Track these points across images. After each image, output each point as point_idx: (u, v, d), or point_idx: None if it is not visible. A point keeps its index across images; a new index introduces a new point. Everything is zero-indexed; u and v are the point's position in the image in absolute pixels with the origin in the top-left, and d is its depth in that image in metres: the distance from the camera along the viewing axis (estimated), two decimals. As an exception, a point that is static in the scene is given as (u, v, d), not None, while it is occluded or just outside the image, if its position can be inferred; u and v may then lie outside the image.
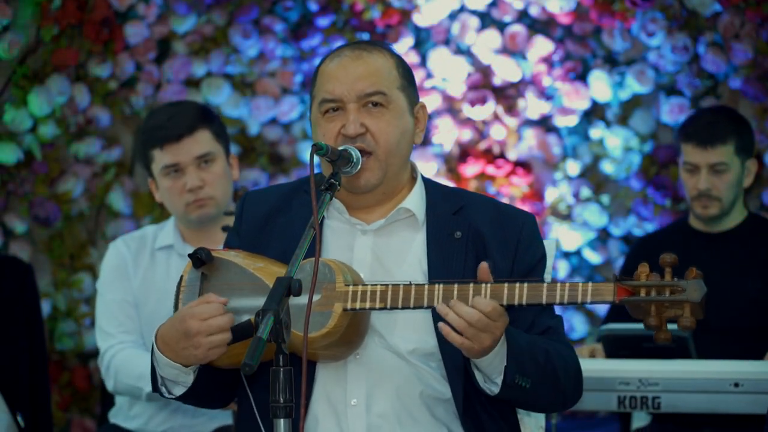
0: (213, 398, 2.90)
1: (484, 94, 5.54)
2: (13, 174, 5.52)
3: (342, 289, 2.66)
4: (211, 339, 2.62)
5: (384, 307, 2.64)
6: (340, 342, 2.68)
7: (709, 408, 3.73)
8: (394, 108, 2.81)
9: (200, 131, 3.98)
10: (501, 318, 2.58)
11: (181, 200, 3.96)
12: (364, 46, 2.87)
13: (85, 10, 5.47)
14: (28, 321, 4.30)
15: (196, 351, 2.64)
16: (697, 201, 4.36)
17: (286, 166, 5.67)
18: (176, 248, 4.05)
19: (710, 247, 4.39)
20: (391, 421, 2.75)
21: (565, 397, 2.80)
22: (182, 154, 3.94)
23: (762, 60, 5.23)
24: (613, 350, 4.03)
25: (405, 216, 2.85)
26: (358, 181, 2.78)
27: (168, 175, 3.97)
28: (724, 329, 4.21)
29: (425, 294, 2.62)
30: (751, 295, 4.30)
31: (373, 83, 2.79)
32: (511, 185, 5.57)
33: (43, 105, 5.43)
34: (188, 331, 2.63)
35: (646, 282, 2.54)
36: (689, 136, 4.36)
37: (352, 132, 2.77)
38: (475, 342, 2.57)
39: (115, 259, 4.07)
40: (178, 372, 2.71)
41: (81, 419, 5.54)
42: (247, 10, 5.57)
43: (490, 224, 2.84)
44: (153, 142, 3.97)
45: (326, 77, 2.84)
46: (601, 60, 5.52)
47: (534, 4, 5.49)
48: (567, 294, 2.57)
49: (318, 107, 2.84)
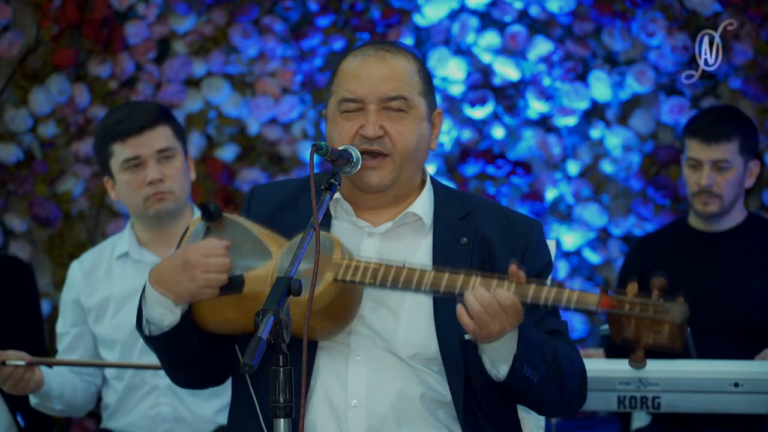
0: (192, 362, 2.85)
1: (484, 94, 5.54)
2: (13, 174, 5.52)
3: (337, 261, 2.67)
4: (207, 276, 2.66)
5: (373, 283, 2.65)
6: (324, 312, 2.67)
7: (708, 408, 3.73)
8: (414, 113, 2.81)
9: (161, 126, 4.00)
10: (516, 314, 2.58)
11: (140, 194, 3.98)
12: (388, 47, 2.86)
13: (85, 9, 5.47)
14: (28, 321, 4.30)
15: (190, 284, 2.67)
16: (698, 197, 4.36)
17: (286, 166, 5.66)
18: (132, 254, 4.07)
19: (710, 246, 4.39)
20: (391, 422, 2.75)
21: (570, 399, 2.79)
22: (144, 146, 3.96)
23: (762, 60, 5.23)
24: (613, 350, 4.03)
25: (412, 220, 2.86)
26: (371, 179, 2.78)
27: (128, 169, 3.98)
28: (724, 329, 4.21)
29: (415, 278, 2.63)
30: (750, 295, 4.30)
31: (395, 87, 2.79)
32: (511, 185, 5.57)
33: (43, 105, 5.44)
34: (187, 262, 2.67)
35: (632, 298, 2.53)
36: (694, 132, 4.36)
37: (372, 134, 2.77)
38: (483, 328, 2.57)
39: (66, 290, 4.16)
40: (165, 312, 2.72)
41: (81, 419, 5.54)
42: (247, 10, 5.57)
43: (496, 230, 2.85)
44: (114, 136, 3.98)
45: (348, 76, 2.82)
46: (601, 60, 5.52)
47: (534, 4, 5.49)
48: (552, 297, 2.57)
49: (337, 105, 2.82)
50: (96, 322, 4.05)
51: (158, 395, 4.00)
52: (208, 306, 2.74)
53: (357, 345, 2.77)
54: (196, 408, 4.01)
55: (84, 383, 4.06)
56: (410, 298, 2.78)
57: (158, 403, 4.00)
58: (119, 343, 4.01)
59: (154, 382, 4.00)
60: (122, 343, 4.00)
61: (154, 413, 4.02)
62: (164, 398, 4.00)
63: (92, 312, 4.06)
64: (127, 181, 3.98)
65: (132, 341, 3.98)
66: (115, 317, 4.02)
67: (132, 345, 3.99)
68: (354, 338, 2.77)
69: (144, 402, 4.02)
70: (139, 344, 3.97)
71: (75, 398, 4.04)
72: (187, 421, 4.01)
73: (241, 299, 2.70)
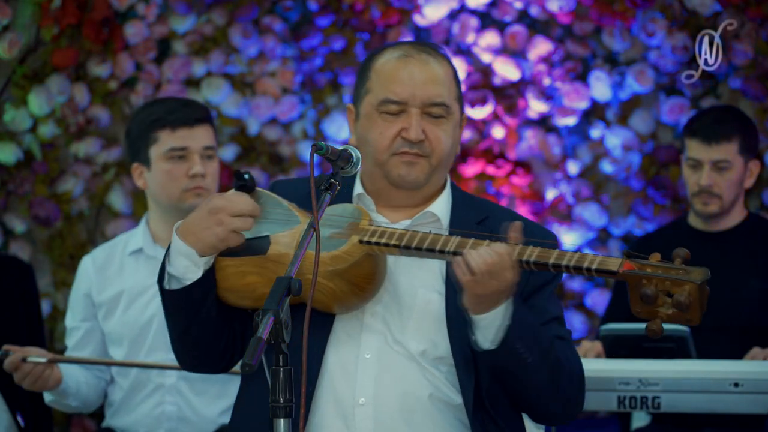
0: (204, 332, 2.83)
1: (484, 94, 5.54)
2: (13, 174, 5.52)
3: (365, 227, 2.72)
4: (234, 220, 2.68)
5: (398, 245, 2.67)
6: (345, 275, 2.69)
7: (709, 408, 3.73)
8: (452, 119, 2.86)
9: (209, 126, 4.06)
10: (511, 270, 2.59)
11: (179, 185, 3.98)
12: (428, 49, 2.88)
13: (85, 9, 5.47)
14: (28, 321, 4.31)
15: (217, 228, 2.68)
16: (698, 197, 4.36)
17: (286, 166, 5.67)
18: (145, 250, 4.07)
19: (709, 246, 4.39)
20: (398, 422, 2.75)
21: (567, 399, 2.79)
22: (193, 139, 3.99)
23: (762, 60, 5.23)
24: (613, 350, 4.03)
25: (431, 220, 2.89)
26: (409, 174, 2.82)
27: (171, 158, 3.99)
28: (724, 329, 4.21)
29: (440, 241, 2.66)
30: (750, 294, 4.30)
31: (439, 93, 2.83)
32: (511, 185, 5.58)
33: (43, 105, 5.44)
34: (214, 207, 2.69)
35: (654, 263, 2.53)
36: (694, 132, 4.36)
37: (415, 138, 2.80)
38: (480, 286, 2.58)
39: (77, 284, 4.14)
40: (189, 264, 2.72)
41: (81, 419, 5.54)
42: (247, 9, 5.57)
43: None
44: (164, 124, 3.99)
45: (391, 77, 2.84)
46: (601, 60, 5.52)
47: (534, 4, 5.50)
48: (575, 259, 2.57)
49: (377, 104, 2.84)
50: (106, 318, 4.05)
51: (163, 394, 4.01)
52: (232, 267, 2.75)
53: (368, 343, 2.78)
54: (200, 408, 4.01)
55: (95, 379, 4.07)
56: (422, 295, 2.80)
57: (163, 401, 4.01)
58: (127, 339, 4.00)
59: (159, 381, 4.01)
60: (130, 340, 4.00)
61: (158, 412, 4.02)
62: (169, 397, 4.01)
63: (102, 308, 4.06)
64: (168, 170, 3.99)
65: (140, 338, 3.99)
66: (125, 313, 4.02)
67: (140, 342, 3.99)
68: (366, 335, 2.78)
69: (149, 400, 4.03)
70: (147, 341, 3.99)
71: (89, 395, 4.05)
72: (190, 420, 4.01)
73: (265, 261, 2.72)
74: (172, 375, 3.99)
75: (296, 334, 2.49)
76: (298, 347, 2.52)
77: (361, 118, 2.88)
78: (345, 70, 5.61)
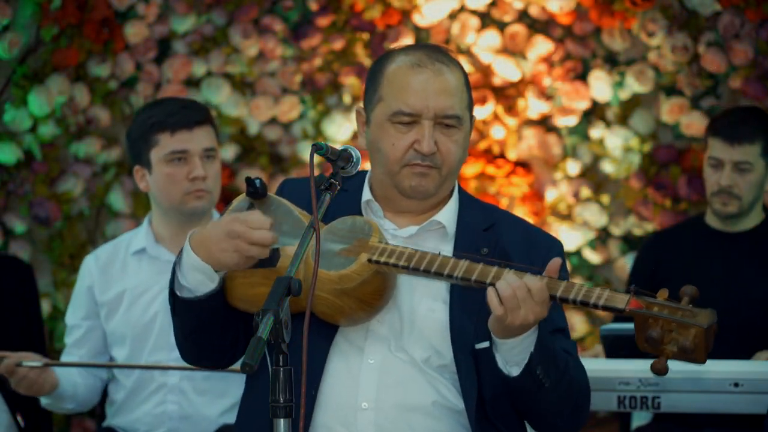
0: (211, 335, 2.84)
1: (484, 94, 5.54)
2: (13, 174, 5.52)
3: (374, 244, 2.71)
4: (250, 248, 2.65)
5: (407, 266, 2.67)
6: (353, 293, 2.69)
7: (709, 408, 3.73)
8: (463, 128, 2.85)
9: (208, 126, 4.03)
10: (542, 303, 2.58)
11: (180, 188, 3.97)
12: (442, 58, 2.85)
13: (85, 10, 5.47)
14: (28, 321, 4.31)
15: (233, 254, 2.66)
16: (717, 197, 4.35)
17: (286, 166, 5.67)
18: (148, 250, 4.07)
19: (725, 246, 4.38)
20: (401, 427, 2.75)
21: (575, 416, 2.80)
22: (193, 142, 3.97)
23: (762, 60, 5.23)
24: (613, 350, 4.03)
25: (437, 227, 2.89)
26: (419, 185, 2.81)
27: (171, 161, 3.98)
28: (733, 329, 4.19)
29: (449, 265, 2.65)
30: (762, 296, 4.29)
31: (452, 105, 2.81)
32: (511, 185, 5.57)
33: (43, 105, 5.44)
34: (232, 231, 2.65)
35: (661, 301, 2.52)
36: (717, 131, 4.34)
37: (428, 151, 2.79)
38: (509, 315, 2.57)
39: (80, 281, 4.13)
40: (202, 278, 2.72)
41: (81, 419, 5.54)
42: (247, 9, 5.57)
43: (517, 245, 2.86)
44: (163, 126, 3.97)
45: (404, 87, 2.81)
46: (601, 60, 5.52)
47: (534, 4, 5.50)
48: (582, 293, 2.56)
49: (389, 114, 2.82)
50: (108, 317, 4.05)
51: (166, 393, 4.01)
52: (241, 278, 2.75)
53: (372, 348, 2.78)
54: (202, 407, 4.01)
55: (91, 378, 4.07)
56: (426, 304, 2.80)
57: (165, 400, 4.01)
58: (129, 338, 4.00)
59: (162, 380, 4.01)
60: (133, 339, 4.00)
61: (159, 411, 4.02)
62: (171, 396, 4.01)
63: (105, 307, 4.06)
64: (169, 173, 3.98)
65: (143, 337, 3.99)
66: (127, 313, 4.02)
67: (143, 341, 3.99)
68: (370, 342, 2.78)
69: (151, 399, 4.03)
70: (149, 341, 3.99)
71: (85, 396, 4.06)
72: (192, 420, 4.01)
73: (274, 273, 2.71)
74: (175, 374, 4.00)
75: (300, 336, 2.49)
76: (301, 349, 2.52)
77: (372, 125, 2.87)
78: (345, 70, 5.61)
